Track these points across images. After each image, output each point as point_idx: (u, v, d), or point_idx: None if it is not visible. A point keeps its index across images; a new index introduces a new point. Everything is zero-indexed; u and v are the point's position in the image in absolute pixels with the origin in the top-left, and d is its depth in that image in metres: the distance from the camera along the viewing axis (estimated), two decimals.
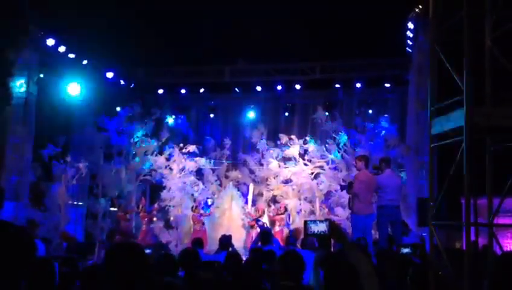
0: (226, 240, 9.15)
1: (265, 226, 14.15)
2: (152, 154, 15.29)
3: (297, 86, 15.99)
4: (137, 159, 15.04)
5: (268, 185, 15.06)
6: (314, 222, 3.17)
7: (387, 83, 15.41)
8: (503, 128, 4.89)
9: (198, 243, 9.05)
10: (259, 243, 9.73)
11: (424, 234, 10.41)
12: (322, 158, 14.70)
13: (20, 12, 13.48)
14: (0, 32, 13.37)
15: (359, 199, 9.90)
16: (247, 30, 15.42)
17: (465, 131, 4.57)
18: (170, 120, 16.58)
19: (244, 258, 7.06)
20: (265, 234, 10.28)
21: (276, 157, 15.15)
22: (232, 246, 9.30)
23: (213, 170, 15.80)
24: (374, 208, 9.79)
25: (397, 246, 7.68)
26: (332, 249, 7.01)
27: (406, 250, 6.93)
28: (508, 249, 10.83)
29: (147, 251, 7.47)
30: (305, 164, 14.81)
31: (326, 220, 3.20)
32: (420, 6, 12.10)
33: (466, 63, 4.67)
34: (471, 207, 4.64)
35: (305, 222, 3.20)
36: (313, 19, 15.63)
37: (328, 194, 14.43)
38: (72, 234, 12.56)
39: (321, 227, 3.13)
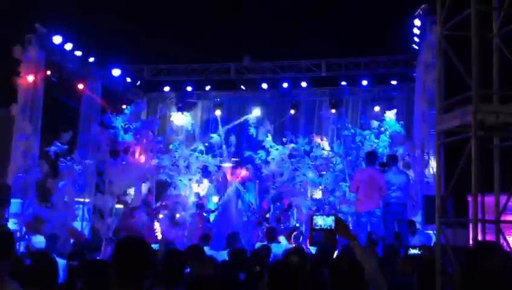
0: (233, 237, 9.18)
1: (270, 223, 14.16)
2: (158, 151, 15.31)
3: (303, 84, 15.97)
4: (143, 156, 15.07)
5: (273, 182, 15.07)
6: (321, 216, 3.17)
7: (393, 80, 15.38)
8: (511, 125, 4.87)
9: (205, 239, 9.09)
10: (266, 240, 9.76)
11: (429, 231, 10.40)
12: (328, 155, 14.68)
13: (26, 10, 13.53)
14: (7, 30, 13.44)
15: (358, 197, 9.98)
16: (252, 28, 15.44)
17: (473, 128, 4.55)
18: (175, 117, 16.59)
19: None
20: (271, 231, 10.33)
21: (282, 155, 15.14)
22: (240, 242, 9.33)
23: (218, 167, 15.83)
24: (377, 204, 9.78)
25: (405, 247, 7.67)
26: (338, 245, 7.02)
27: (414, 251, 6.92)
28: None
29: (154, 246, 7.51)
30: (311, 161, 14.80)
31: (333, 215, 3.20)
32: (427, 3, 12.07)
33: (474, 60, 4.66)
34: (478, 204, 4.63)
35: (311, 217, 3.20)
36: (319, 16, 15.62)
37: (333, 191, 14.42)
38: (80, 231, 12.65)
39: (328, 222, 3.13)
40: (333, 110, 15.39)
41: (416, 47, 13.42)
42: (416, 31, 12.91)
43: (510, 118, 4.73)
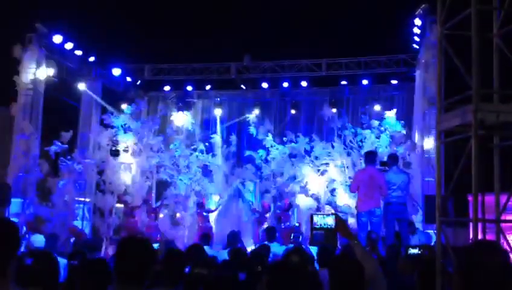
0: (234, 237, 9.17)
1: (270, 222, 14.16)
2: (158, 151, 15.32)
3: (304, 83, 15.97)
4: (143, 155, 15.08)
5: (274, 181, 15.08)
6: (321, 215, 3.17)
7: (394, 79, 15.39)
8: (511, 124, 4.87)
9: (205, 238, 9.08)
10: (266, 240, 9.75)
11: (429, 231, 10.40)
12: (328, 155, 14.69)
13: (26, 10, 13.52)
14: (7, 30, 13.44)
15: (358, 197, 9.99)
16: (252, 27, 15.44)
17: (473, 127, 4.55)
18: (175, 116, 16.59)
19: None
20: (271, 231, 10.31)
21: (282, 154, 15.15)
22: (241, 242, 9.31)
23: (219, 167, 15.82)
24: (377, 203, 9.78)
25: (406, 247, 7.68)
26: (338, 244, 7.02)
27: (414, 251, 6.92)
28: None
29: (154, 245, 7.51)
30: (312, 161, 14.82)
31: (333, 214, 3.20)
32: (428, 3, 12.08)
33: (474, 59, 4.65)
34: (478, 203, 4.63)
35: (311, 216, 3.21)
36: (319, 16, 15.62)
37: (333, 191, 14.43)
38: (81, 229, 12.66)
39: (328, 221, 3.13)
40: (333, 110, 15.38)
41: (417, 46, 13.43)
42: (416, 30, 12.92)
43: (510, 117, 4.72)
